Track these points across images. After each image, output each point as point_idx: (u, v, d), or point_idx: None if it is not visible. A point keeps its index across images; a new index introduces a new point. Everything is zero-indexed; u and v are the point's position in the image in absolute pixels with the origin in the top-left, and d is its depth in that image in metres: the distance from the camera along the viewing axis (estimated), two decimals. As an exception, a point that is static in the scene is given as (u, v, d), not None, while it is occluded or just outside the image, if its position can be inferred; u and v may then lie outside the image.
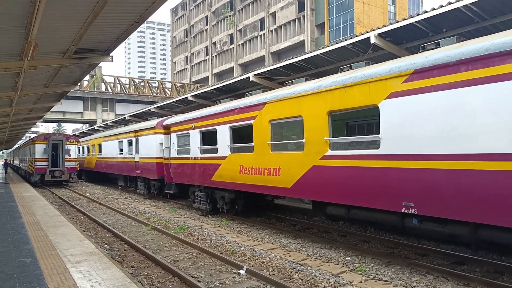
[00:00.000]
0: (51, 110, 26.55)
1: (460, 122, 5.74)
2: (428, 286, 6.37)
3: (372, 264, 7.64)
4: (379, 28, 10.02)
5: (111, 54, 10.76)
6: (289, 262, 7.96)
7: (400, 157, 6.58)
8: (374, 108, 7.31)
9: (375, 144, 7.28)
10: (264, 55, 61.11)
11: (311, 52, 12.26)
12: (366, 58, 11.10)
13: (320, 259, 8.21)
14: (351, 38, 10.62)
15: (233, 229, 11.54)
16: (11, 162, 59.96)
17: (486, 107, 5.45)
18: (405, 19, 9.46)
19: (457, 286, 6.36)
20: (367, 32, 10.20)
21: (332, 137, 8.23)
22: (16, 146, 61.63)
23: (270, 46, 59.92)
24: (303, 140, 8.76)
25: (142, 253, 8.99)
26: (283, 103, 9.43)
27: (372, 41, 10.01)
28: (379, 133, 7.01)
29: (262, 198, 13.00)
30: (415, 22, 9.25)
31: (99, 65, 30.35)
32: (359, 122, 11.03)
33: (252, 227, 11.86)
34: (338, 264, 7.80)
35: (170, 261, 8.30)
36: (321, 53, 11.87)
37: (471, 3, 8.70)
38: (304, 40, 53.32)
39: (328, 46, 11.51)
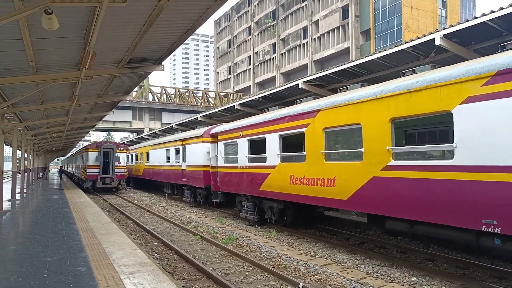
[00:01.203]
0: (103, 119, 27.66)
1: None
2: (516, 317, 5.58)
3: (443, 287, 6.89)
4: (445, 28, 9.25)
5: (162, 63, 10.82)
6: (348, 280, 7.38)
7: (479, 169, 5.86)
8: (444, 114, 6.65)
9: (448, 154, 6.59)
10: (307, 64, 60.63)
11: (366, 56, 11.66)
12: (428, 61, 10.35)
13: (382, 278, 7.56)
14: (412, 40, 9.93)
15: (283, 242, 11.10)
16: (66, 169, 63.41)
17: None
18: (476, 18, 8.65)
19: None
20: (431, 33, 9.47)
21: (395, 146, 7.60)
22: (70, 153, 65.17)
23: (313, 54, 59.35)
24: (362, 149, 8.20)
25: (192, 264, 8.78)
26: (339, 110, 8.93)
27: (437, 42, 9.25)
28: (452, 142, 6.32)
29: (313, 210, 12.46)
30: (487, 20, 8.42)
31: (147, 75, 31.54)
32: (419, 130, 10.25)
33: (303, 239, 11.35)
34: (403, 285, 7.12)
35: (221, 274, 8.01)
36: (377, 58, 11.23)
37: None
38: (348, 48, 52.31)
39: (385, 50, 10.85)
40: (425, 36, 9.63)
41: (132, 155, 35.35)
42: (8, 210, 14.86)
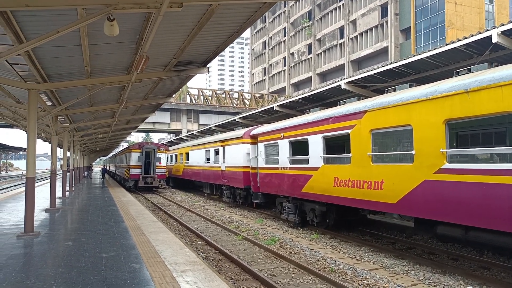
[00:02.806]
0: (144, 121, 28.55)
1: None
2: None
3: (504, 297, 6.54)
4: (503, 24, 8.78)
5: (207, 66, 11.01)
6: (398, 286, 7.19)
7: (547, 173, 5.52)
8: (505, 115, 6.31)
9: (510, 157, 6.25)
10: (344, 64, 59.73)
11: (414, 56, 11.28)
12: (482, 59, 9.86)
13: (434, 286, 7.29)
14: (465, 38, 9.50)
15: (326, 244, 10.97)
16: (108, 168, 66.06)
17: None
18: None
19: None
20: (487, 30, 9.02)
21: (450, 148, 7.31)
22: (112, 153, 67.76)
23: (350, 54, 58.38)
24: (413, 152, 7.95)
25: (237, 264, 8.87)
26: (387, 111, 8.70)
27: (495, 39, 8.79)
28: (515, 145, 6.00)
29: (356, 213, 12.23)
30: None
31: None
32: (472, 132, 9.80)
33: (346, 243, 11.18)
34: (459, 294, 6.83)
35: (268, 275, 8.03)
36: (425, 57, 10.85)
37: None
38: (387, 47, 51.03)
39: (435, 49, 10.45)
40: (480, 33, 9.19)
41: (171, 156, 36.24)
42: (59, 208, 15.65)
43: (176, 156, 34.45)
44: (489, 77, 6.39)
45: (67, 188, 22.75)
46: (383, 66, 12.58)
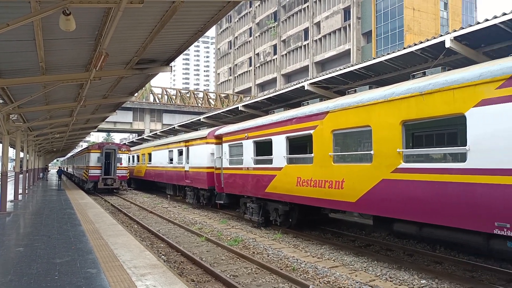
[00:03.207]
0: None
1: None
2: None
3: (454, 290, 6.88)
4: (455, 30, 9.26)
5: (170, 65, 10.81)
6: (357, 283, 7.37)
7: (493, 172, 5.86)
8: (457, 117, 6.66)
9: (460, 157, 6.59)
10: (308, 65, 60.76)
11: (374, 58, 11.67)
12: (437, 63, 10.36)
13: (391, 281, 7.56)
14: (421, 42, 9.96)
15: (289, 243, 11.09)
16: (65, 169, 63.30)
17: None
18: (487, 20, 8.65)
19: None
20: (441, 35, 9.49)
21: (406, 148, 7.60)
22: (70, 154, 65.02)
23: (314, 56, 59.49)
24: (372, 152, 8.20)
25: (199, 266, 8.76)
26: (348, 112, 8.93)
27: (448, 45, 9.27)
28: (465, 145, 6.33)
29: (318, 212, 12.45)
30: (499, 23, 8.42)
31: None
32: (427, 133, 10.26)
33: (308, 241, 11.35)
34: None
35: (230, 276, 7.99)
36: (385, 60, 11.26)
37: None
38: (349, 49, 52.47)
39: (394, 52, 10.88)
40: (435, 38, 9.64)
41: (133, 156, 35.29)
42: (11, 211, 14.82)
43: (138, 156, 33.59)
44: (442, 80, 6.72)
45: (20, 191, 21.60)
46: (345, 68, 12.92)
